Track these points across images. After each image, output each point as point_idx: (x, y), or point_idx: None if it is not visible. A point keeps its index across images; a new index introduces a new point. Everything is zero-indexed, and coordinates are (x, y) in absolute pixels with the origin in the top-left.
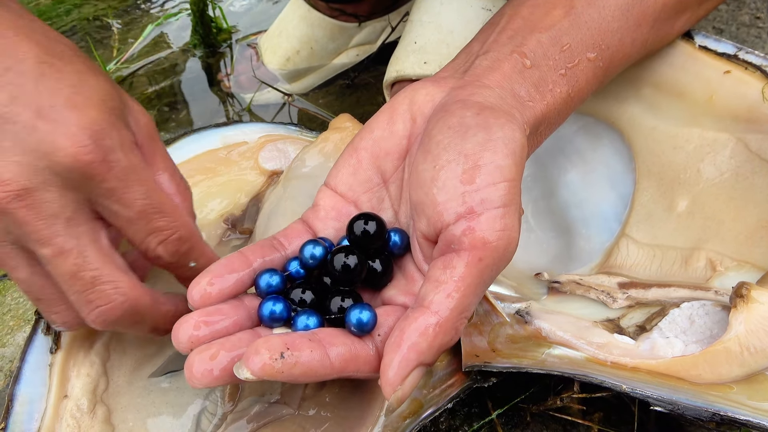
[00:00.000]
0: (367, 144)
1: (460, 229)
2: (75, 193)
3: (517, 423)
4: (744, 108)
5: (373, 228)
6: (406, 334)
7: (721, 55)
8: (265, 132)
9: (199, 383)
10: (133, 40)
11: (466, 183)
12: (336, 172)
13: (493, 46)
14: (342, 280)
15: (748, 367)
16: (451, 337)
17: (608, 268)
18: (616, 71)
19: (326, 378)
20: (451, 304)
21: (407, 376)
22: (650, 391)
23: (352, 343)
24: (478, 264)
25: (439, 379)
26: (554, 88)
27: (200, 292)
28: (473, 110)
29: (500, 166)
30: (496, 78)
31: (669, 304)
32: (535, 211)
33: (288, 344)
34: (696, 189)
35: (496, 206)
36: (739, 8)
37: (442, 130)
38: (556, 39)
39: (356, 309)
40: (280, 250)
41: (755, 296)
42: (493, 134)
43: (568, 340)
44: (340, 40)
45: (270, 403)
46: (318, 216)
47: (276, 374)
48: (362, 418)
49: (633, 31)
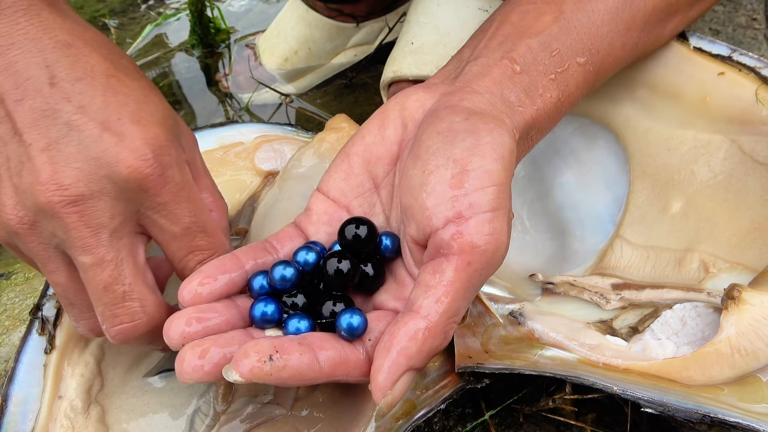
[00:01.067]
0: (359, 149)
1: (448, 233)
2: (126, 204)
3: (511, 424)
4: (738, 110)
5: (365, 232)
6: (396, 339)
7: (715, 56)
8: (261, 132)
9: (190, 378)
10: (131, 41)
11: (455, 188)
12: (328, 178)
13: (483, 52)
14: (335, 284)
15: (738, 369)
16: (440, 341)
17: (602, 269)
18: (607, 75)
19: (315, 382)
20: (440, 309)
21: (397, 381)
22: (641, 393)
23: (342, 348)
24: (467, 268)
25: (432, 380)
26: (544, 93)
27: (191, 292)
28: (462, 115)
29: (489, 170)
30: (485, 83)
31: (662, 306)
32: (530, 213)
33: (277, 347)
34: (690, 190)
35: (485, 210)
36: (735, 10)
37: (432, 136)
38: (546, 44)
39: (347, 313)
40: (272, 253)
41: (746, 298)
42: (482, 139)
43: (560, 342)
44: (338, 41)
45: (263, 403)
46: (310, 220)
47: (265, 377)
48: (355, 419)
49: (623, 35)
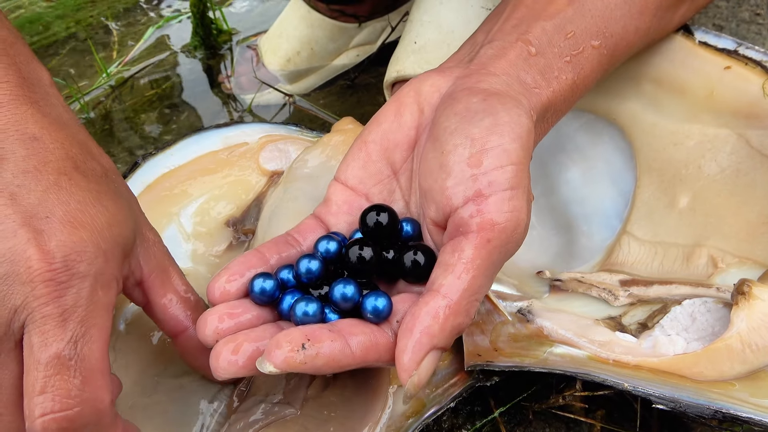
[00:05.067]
0: (376, 137)
1: (468, 212)
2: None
3: (520, 421)
4: (744, 104)
5: (386, 219)
6: (419, 319)
7: (721, 50)
8: (265, 132)
9: (225, 373)
10: (133, 43)
11: (474, 166)
12: (345, 167)
13: (498, 35)
14: (358, 271)
15: (750, 364)
16: (462, 319)
17: (610, 265)
18: (620, 60)
19: (349, 367)
20: (461, 287)
21: (422, 361)
22: (652, 389)
23: (371, 332)
24: (487, 245)
25: (442, 378)
26: (560, 75)
27: (219, 290)
28: (480, 96)
29: (507, 149)
30: (501, 66)
31: (671, 302)
32: (536, 209)
33: (309, 336)
34: (697, 185)
35: (504, 188)
36: (739, 5)
37: (449, 117)
38: (561, 27)
39: (371, 297)
40: (295, 245)
41: (757, 293)
42: (500, 119)
43: (570, 339)
44: (340, 41)
45: (273, 403)
46: (330, 211)
47: (299, 366)
48: (365, 417)
49: (636, 19)
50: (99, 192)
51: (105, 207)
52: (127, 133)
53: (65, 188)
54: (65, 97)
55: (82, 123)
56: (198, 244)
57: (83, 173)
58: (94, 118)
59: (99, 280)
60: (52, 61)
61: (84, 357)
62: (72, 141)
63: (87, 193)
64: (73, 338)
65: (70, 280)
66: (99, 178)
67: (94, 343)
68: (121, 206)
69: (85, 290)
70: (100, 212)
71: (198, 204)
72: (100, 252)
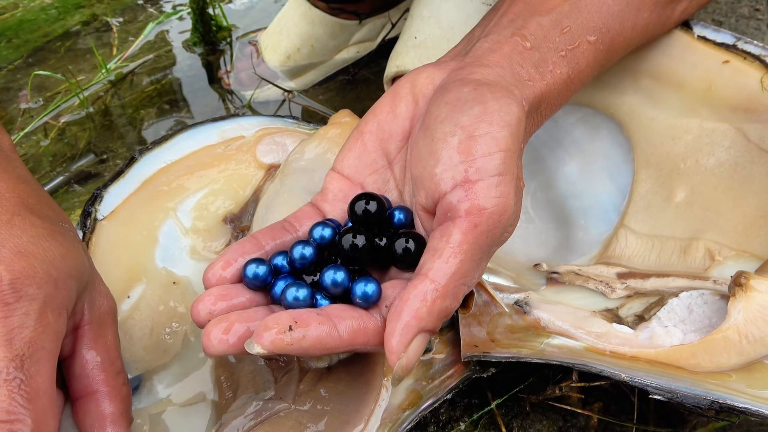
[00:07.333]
0: (372, 127)
1: (456, 197)
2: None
3: (517, 413)
4: (743, 98)
5: (374, 207)
6: (407, 303)
7: (719, 45)
8: (262, 125)
9: (216, 351)
10: (133, 39)
11: (463, 153)
12: (342, 157)
13: (494, 30)
14: (351, 259)
15: (746, 355)
16: (450, 302)
17: (607, 258)
18: (617, 55)
19: (337, 350)
20: (448, 270)
21: (410, 343)
22: (649, 380)
23: (360, 316)
24: (474, 230)
25: (439, 370)
26: (554, 69)
27: (215, 275)
28: (471, 86)
29: (496, 137)
30: (495, 58)
31: (668, 294)
32: (534, 203)
33: (296, 318)
34: (695, 179)
35: (492, 174)
36: (738, 0)
37: (440, 106)
38: (557, 22)
39: (361, 282)
40: (291, 231)
41: (754, 285)
42: (489, 107)
43: (566, 330)
44: (340, 38)
45: (265, 399)
46: (326, 199)
47: (286, 347)
48: (359, 410)
49: (634, 15)
50: (53, 231)
51: (59, 242)
52: (126, 129)
53: (18, 225)
54: (64, 92)
55: (81, 118)
56: (196, 239)
57: (38, 215)
58: (93, 114)
59: (49, 304)
60: (52, 57)
61: (31, 376)
62: (29, 192)
63: (41, 229)
64: (18, 356)
65: (17, 302)
66: (54, 222)
67: (42, 365)
68: (75, 245)
69: (34, 312)
70: (53, 246)
71: (196, 199)
72: (50, 278)
